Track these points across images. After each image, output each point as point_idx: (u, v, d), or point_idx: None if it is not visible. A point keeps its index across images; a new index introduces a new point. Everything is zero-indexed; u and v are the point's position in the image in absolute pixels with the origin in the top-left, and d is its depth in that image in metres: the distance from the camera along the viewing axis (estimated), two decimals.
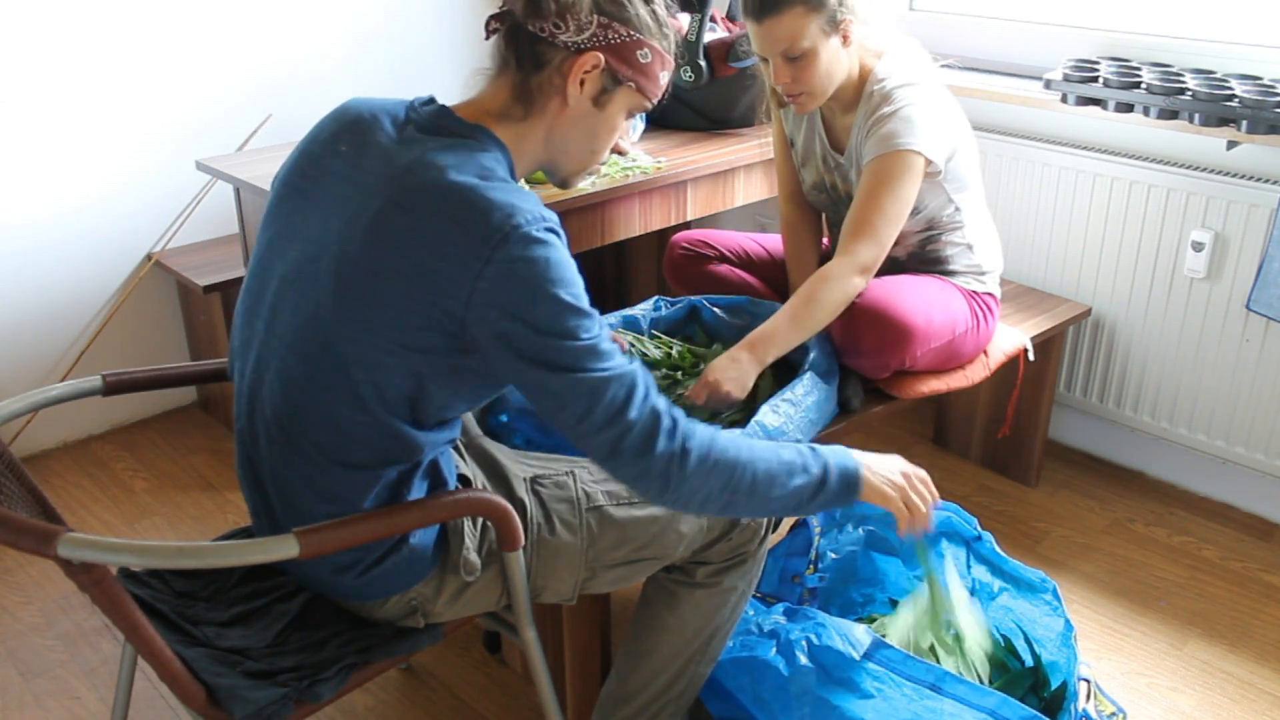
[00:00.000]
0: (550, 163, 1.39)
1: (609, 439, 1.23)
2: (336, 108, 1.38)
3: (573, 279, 1.23)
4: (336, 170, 1.31)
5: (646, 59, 1.34)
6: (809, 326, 1.85)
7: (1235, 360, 2.37)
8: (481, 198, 1.19)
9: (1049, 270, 2.61)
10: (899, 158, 1.86)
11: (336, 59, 2.95)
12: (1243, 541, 2.40)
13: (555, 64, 1.30)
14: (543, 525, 1.46)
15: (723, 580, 1.57)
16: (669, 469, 1.25)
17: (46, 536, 1.08)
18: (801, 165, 2.17)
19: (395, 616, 1.44)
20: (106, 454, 2.78)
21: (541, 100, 1.32)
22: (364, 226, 1.23)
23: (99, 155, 2.68)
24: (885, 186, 1.86)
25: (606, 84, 1.33)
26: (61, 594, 2.24)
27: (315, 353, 1.27)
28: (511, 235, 1.18)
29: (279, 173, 1.39)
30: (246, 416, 1.36)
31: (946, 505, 2.00)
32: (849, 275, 1.86)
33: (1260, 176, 2.25)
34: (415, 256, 1.20)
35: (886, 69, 1.93)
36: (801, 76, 1.87)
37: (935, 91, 1.93)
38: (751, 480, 1.30)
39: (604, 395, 1.22)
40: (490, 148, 1.29)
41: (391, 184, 1.24)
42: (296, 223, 1.32)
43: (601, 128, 1.36)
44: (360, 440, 1.29)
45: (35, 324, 2.69)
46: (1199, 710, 1.94)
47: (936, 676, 1.63)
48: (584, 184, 2.29)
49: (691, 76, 2.58)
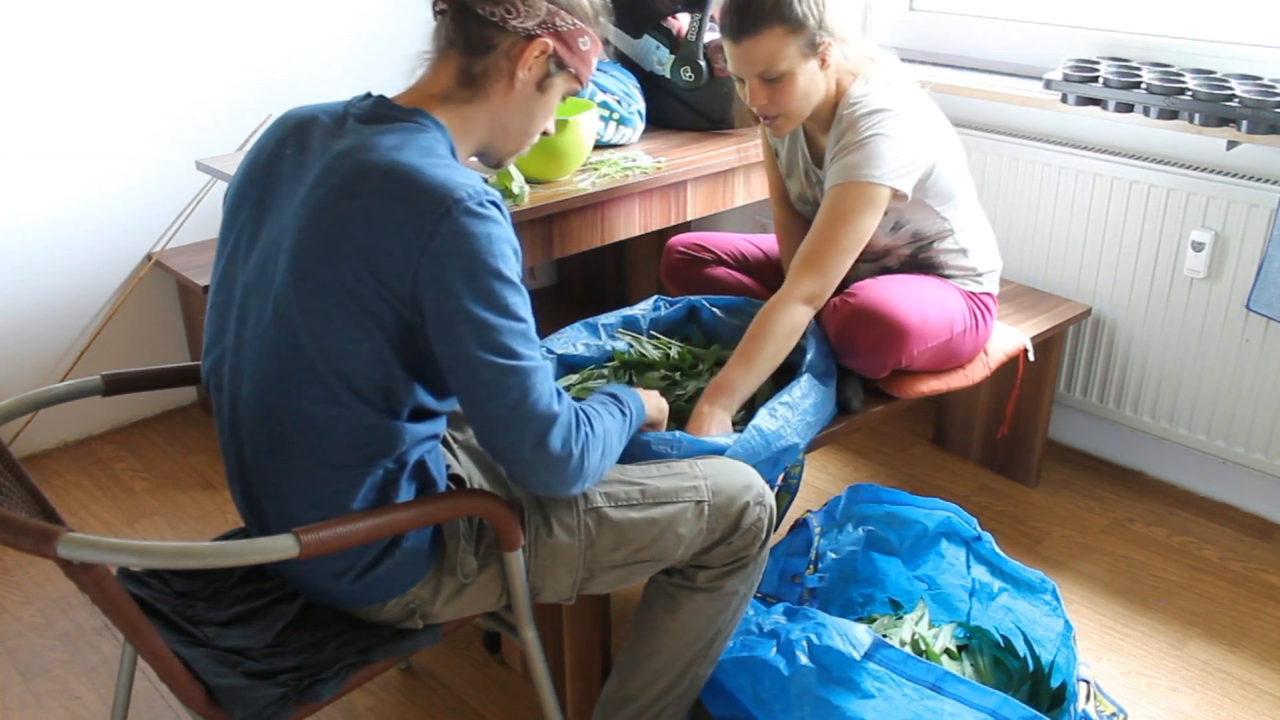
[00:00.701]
0: (489, 144, 1.42)
1: (535, 431, 1.27)
2: (278, 118, 1.40)
3: (512, 255, 1.26)
4: (284, 173, 1.33)
5: (586, 46, 1.40)
6: (762, 363, 1.81)
7: (1235, 360, 2.37)
8: (422, 174, 1.22)
9: (1049, 270, 2.61)
10: (858, 190, 1.83)
11: (336, 59, 2.95)
12: (1243, 541, 2.40)
13: (504, 48, 1.33)
14: (541, 527, 1.46)
15: (724, 585, 1.57)
16: (582, 458, 1.32)
17: (46, 536, 1.08)
18: (787, 176, 2.16)
19: (394, 619, 1.44)
20: (106, 454, 2.78)
21: (487, 84, 1.35)
22: (310, 215, 1.25)
23: (99, 155, 2.68)
24: (841, 218, 1.84)
25: (551, 69, 1.38)
26: (61, 594, 2.24)
27: (282, 351, 1.28)
28: (454, 209, 1.21)
29: (229, 190, 1.41)
30: (230, 430, 1.38)
31: (946, 505, 2.00)
32: (793, 305, 1.83)
33: (1260, 176, 2.25)
34: (362, 238, 1.22)
35: (859, 92, 1.90)
36: (778, 98, 1.85)
37: (908, 114, 1.88)
38: (616, 443, 1.42)
39: (535, 386, 1.26)
40: (430, 129, 1.31)
41: (333, 171, 1.26)
42: (252, 231, 1.34)
43: (541, 111, 1.41)
44: (339, 437, 1.29)
45: (35, 324, 2.69)
46: (1199, 710, 1.94)
47: (937, 676, 1.63)
48: (584, 184, 2.30)
49: (691, 76, 2.59)
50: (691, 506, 1.51)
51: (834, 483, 2.62)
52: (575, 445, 1.31)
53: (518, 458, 1.29)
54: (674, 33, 2.63)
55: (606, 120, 2.51)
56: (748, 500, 1.54)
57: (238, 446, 1.37)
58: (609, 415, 1.43)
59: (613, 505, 1.49)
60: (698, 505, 1.51)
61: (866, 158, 1.83)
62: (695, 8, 2.56)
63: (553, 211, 2.23)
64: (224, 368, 1.36)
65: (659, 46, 2.64)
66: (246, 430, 1.34)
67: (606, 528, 1.48)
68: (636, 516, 1.49)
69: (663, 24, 2.63)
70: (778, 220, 2.23)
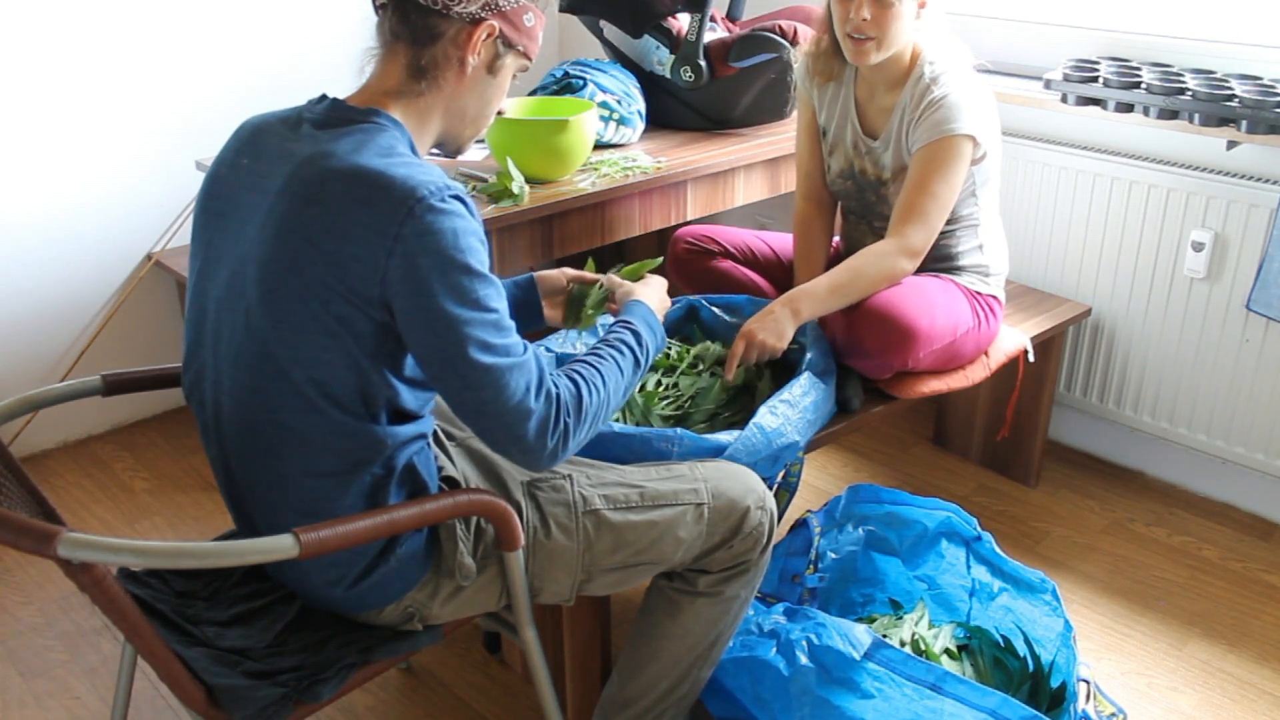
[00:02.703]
0: (447, 133, 1.41)
1: (508, 425, 1.27)
2: (235, 130, 1.40)
3: (479, 246, 1.26)
4: (243, 184, 1.33)
5: (531, 22, 1.39)
6: (847, 295, 1.91)
7: (1235, 360, 2.37)
8: (383, 175, 1.22)
9: (1049, 270, 2.61)
10: (952, 143, 1.91)
11: (337, 59, 2.95)
12: (1243, 541, 2.40)
13: (450, 36, 1.32)
14: (539, 528, 1.46)
15: (725, 589, 1.57)
16: (556, 450, 1.32)
17: (46, 536, 1.08)
18: (830, 153, 2.17)
19: (393, 622, 1.44)
20: (106, 454, 2.78)
21: (437, 73, 1.34)
22: (274, 225, 1.25)
23: (99, 155, 2.68)
24: (938, 172, 1.91)
25: (499, 50, 1.36)
26: (61, 594, 2.24)
27: (255, 363, 1.28)
28: (417, 208, 1.20)
29: (195, 205, 1.41)
30: (216, 443, 1.37)
31: (946, 505, 2.00)
32: (898, 256, 1.92)
33: (1260, 176, 2.25)
34: (327, 244, 1.22)
35: (935, 53, 1.98)
36: (881, 19, 1.89)
37: (980, 82, 1.99)
38: (614, 403, 1.42)
39: (510, 383, 1.26)
40: (387, 127, 1.31)
41: (294, 179, 1.25)
42: (220, 245, 1.34)
43: (495, 93, 1.41)
44: (321, 445, 1.29)
45: (35, 324, 2.69)
46: (1199, 710, 1.94)
47: (937, 676, 1.63)
48: (584, 184, 2.30)
49: (691, 76, 2.58)
50: (691, 509, 1.51)
51: (834, 483, 2.62)
52: (550, 439, 1.31)
53: (493, 443, 1.32)
54: (674, 33, 2.63)
55: (606, 120, 2.51)
56: (749, 504, 1.54)
57: (224, 459, 1.37)
58: (611, 377, 1.42)
59: (611, 508, 1.49)
60: (697, 508, 1.51)
61: (955, 111, 1.91)
62: (695, 8, 2.56)
63: (553, 211, 2.23)
64: (204, 382, 1.36)
65: (659, 46, 2.64)
66: (231, 443, 1.34)
67: (605, 530, 1.48)
68: (635, 519, 1.49)
69: (663, 24, 2.63)
70: (800, 214, 2.23)
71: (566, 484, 1.50)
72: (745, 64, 2.58)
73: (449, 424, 1.61)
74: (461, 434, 1.61)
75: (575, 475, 1.52)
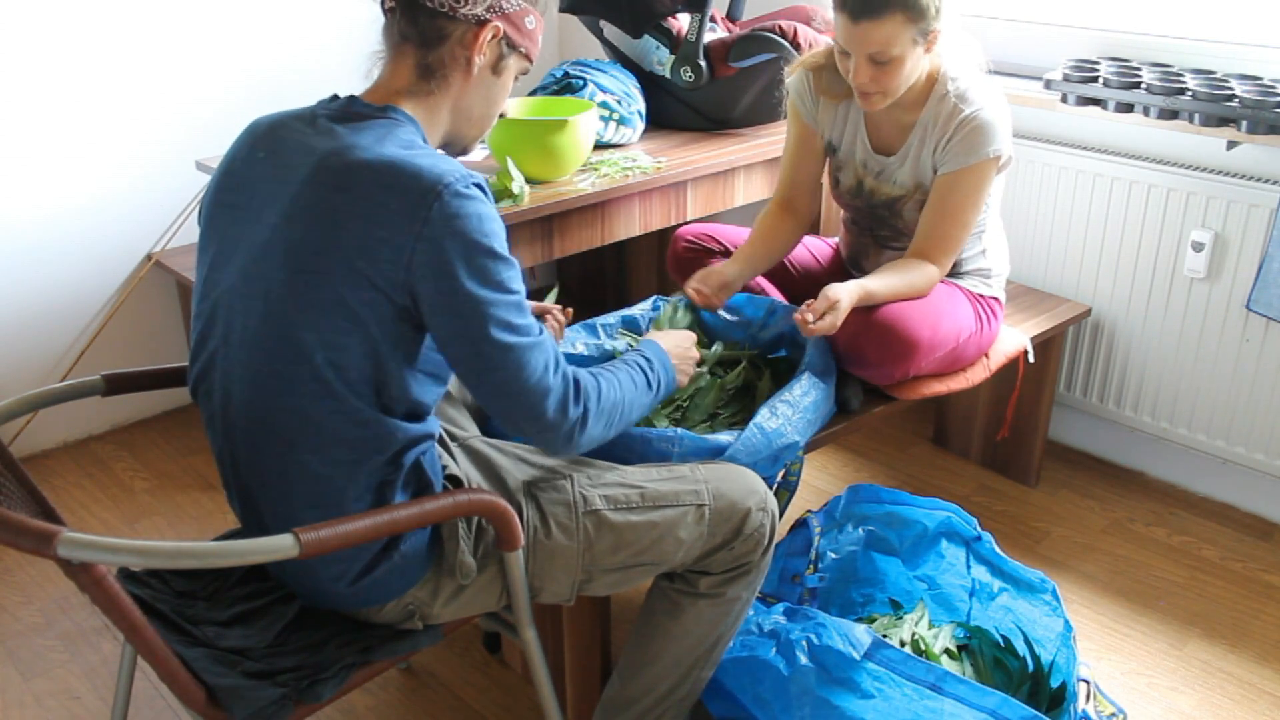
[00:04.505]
0: (454, 132, 1.45)
1: (529, 404, 1.32)
2: (245, 127, 1.43)
3: (500, 231, 1.31)
4: (260, 175, 1.35)
5: (533, 25, 1.43)
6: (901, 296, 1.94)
7: (1235, 360, 2.37)
8: (410, 164, 1.26)
9: (1049, 270, 2.61)
10: (988, 166, 1.92)
11: (337, 59, 2.95)
12: (1243, 541, 2.40)
13: (457, 37, 1.36)
14: (539, 528, 1.46)
15: (726, 591, 1.57)
16: (574, 430, 1.37)
17: (46, 536, 1.08)
18: (839, 169, 2.14)
19: (394, 620, 1.44)
20: (106, 454, 2.78)
21: (445, 74, 1.38)
22: (301, 212, 1.28)
23: (99, 155, 2.68)
24: (970, 198, 1.94)
25: (503, 51, 1.41)
26: (61, 594, 2.24)
27: (275, 347, 1.29)
28: (445, 194, 1.25)
29: (203, 201, 1.43)
30: (223, 435, 1.38)
31: (946, 505, 2.00)
32: (935, 271, 1.98)
33: (1260, 176, 2.25)
34: (355, 229, 1.25)
35: (955, 67, 1.96)
36: (882, 79, 1.86)
37: (999, 91, 1.98)
38: (628, 415, 1.47)
39: (530, 362, 1.31)
40: (404, 122, 1.35)
41: (321, 169, 1.28)
42: (234, 236, 1.36)
43: (498, 93, 1.45)
44: (333, 434, 1.30)
45: (35, 324, 2.69)
46: (1199, 710, 1.94)
47: (937, 676, 1.63)
48: (584, 184, 2.30)
49: (691, 76, 2.59)
50: (692, 510, 1.51)
51: (834, 483, 2.62)
52: (569, 416, 1.36)
53: (512, 424, 1.36)
54: (674, 33, 2.63)
55: (606, 120, 2.51)
56: (750, 506, 1.54)
57: (232, 451, 1.37)
58: (627, 386, 1.47)
59: (612, 508, 1.49)
60: (698, 509, 1.51)
61: (987, 133, 1.90)
62: (695, 8, 2.56)
63: (553, 211, 2.23)
64: (213, 373, 1.37)
65: (659, 46, 2.64)
66: (240, 433, 1.35)
67: (605, 530, 1.48)
68: (636, 519, 1.49)
69: (663, 24, 2.63)
70: (768, 217, 2.16)
71: (567, 484, 1.50)
72: (745, 64, 2.58)
73: (451, 424, 1.62)
74: (463, 434, 1.61)
75: (576, 475, 1.52)
